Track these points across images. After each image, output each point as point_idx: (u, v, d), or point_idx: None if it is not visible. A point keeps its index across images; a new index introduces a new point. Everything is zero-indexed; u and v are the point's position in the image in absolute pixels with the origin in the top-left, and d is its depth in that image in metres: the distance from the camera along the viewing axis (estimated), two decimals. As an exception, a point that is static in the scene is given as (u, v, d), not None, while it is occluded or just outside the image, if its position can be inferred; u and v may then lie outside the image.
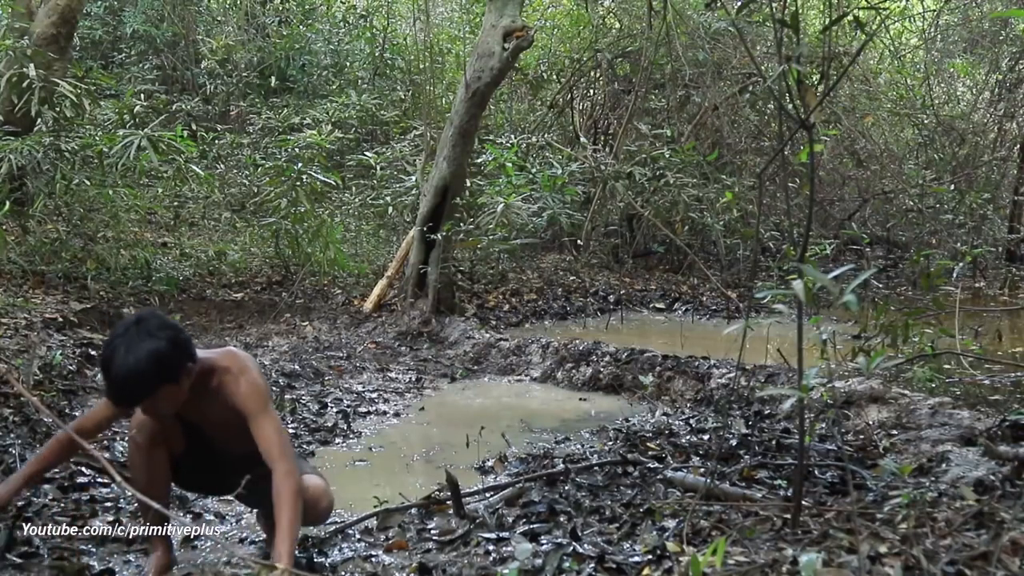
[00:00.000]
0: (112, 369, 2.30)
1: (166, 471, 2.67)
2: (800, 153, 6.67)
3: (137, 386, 2.32)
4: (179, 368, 2.37)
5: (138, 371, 2.29)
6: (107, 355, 2.33)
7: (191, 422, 2.57)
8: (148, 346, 2.31)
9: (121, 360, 2.29)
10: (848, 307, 1.84)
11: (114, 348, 2.32)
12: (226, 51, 11.66)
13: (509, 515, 2.87)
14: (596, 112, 11.33)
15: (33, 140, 6.38)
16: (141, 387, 2.32)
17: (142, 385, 2.32)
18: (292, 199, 7.33)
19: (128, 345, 2.32)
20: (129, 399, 2.37)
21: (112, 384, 2.32)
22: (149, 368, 2.30)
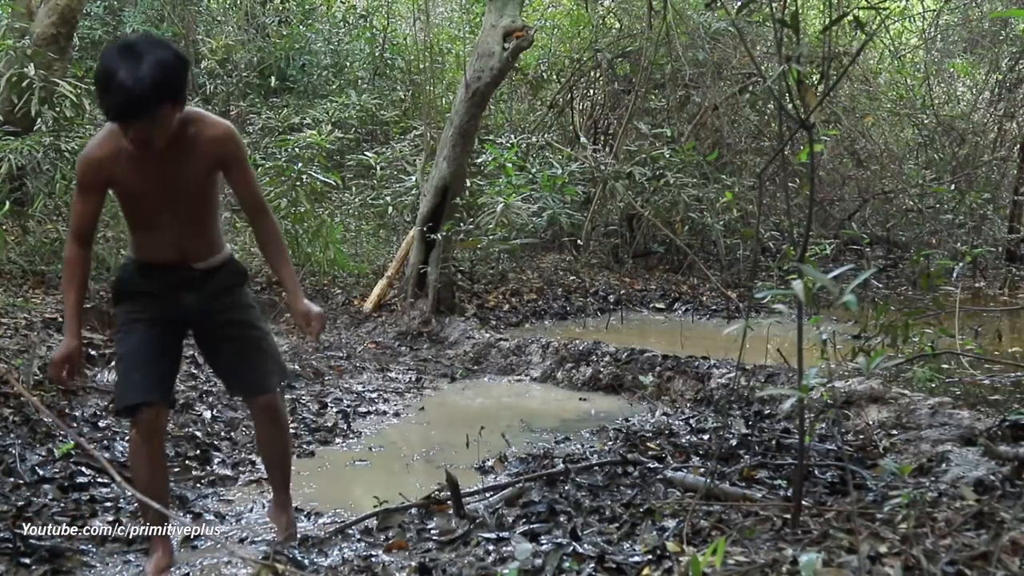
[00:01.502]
0: (118, 78, 2.18)
1: (165, 466, 2.69)
2: (800, 153, 6.68)
3: (143, 97, 2.19)
4: (183, 86, 2.29)
5: (147, 79, 2.18)
6: (110, 67, 2.20)
7: (162, 180, 2.45)
8: (155, 56, 2.22)
9: (129, 70, 2.18)
10: (848, 307, 1.84)
11: (116, 60, 2.20)
12: (226, 51, 11.65)
13: (509, 515, 2.87)
14: (596, 112, 11.33)
15: (33, 140, 6.38)
16: (147, 98, 2.20)
17: (149, 96, 2.20)
18: (292, 199, 7.32)
19: (134, 55, 2.21)
20: (134, 111, 2.22)
21: (118, 94, 2.19)
22: (157, 76, 2.20)
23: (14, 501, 2.95)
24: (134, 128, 2.28)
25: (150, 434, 2.57)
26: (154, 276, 2.59)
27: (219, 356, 2.78)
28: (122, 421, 4.05)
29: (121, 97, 2.20)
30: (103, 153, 2.43)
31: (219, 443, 4.01)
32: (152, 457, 2.60)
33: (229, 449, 3.97)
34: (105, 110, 2.28)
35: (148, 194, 2.48)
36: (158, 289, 2.59)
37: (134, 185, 2.47)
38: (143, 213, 2.54)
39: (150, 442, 2.58)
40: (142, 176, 2.44)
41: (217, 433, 4.14)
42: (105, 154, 2.43)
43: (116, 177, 2.46)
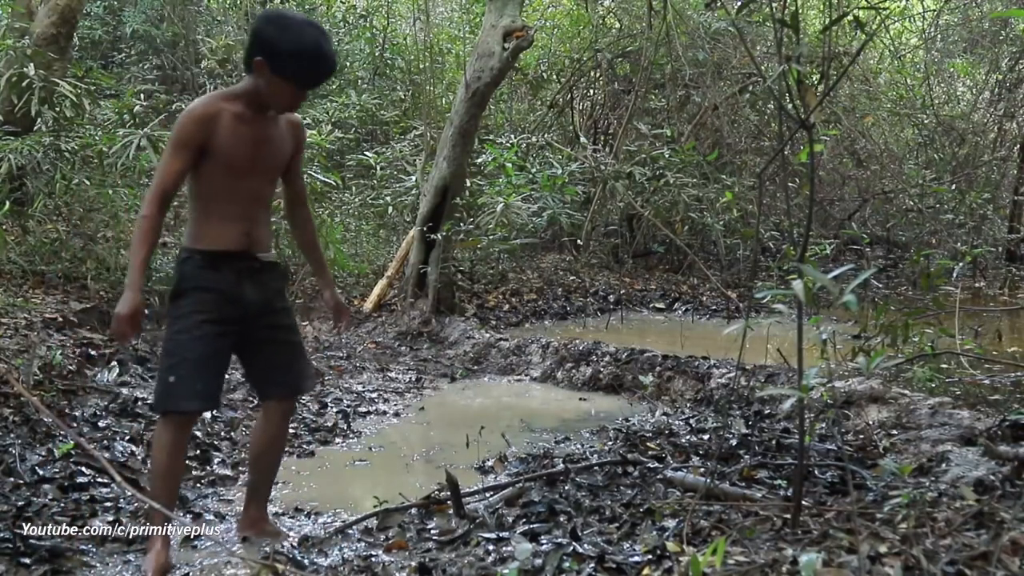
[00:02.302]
0: (325, 49, 2.52)
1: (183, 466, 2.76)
2: (800, 153, 6.68)
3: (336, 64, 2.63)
4: None
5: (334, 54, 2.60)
6: (317, 39, 2.51)
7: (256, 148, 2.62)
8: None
9: (326, 41, 2.53)
10: (848, 307, 1.84)
11: (316, 32, 2.52)
12: (226, 51, 11.65)
13: (509, 515, 2.87)
14: (596, 112, 11.33)
15: (33, 140, 6.38)
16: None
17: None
18: (292, 199, 7.31)
19: (317, 27, 2.56)
20: (327, 79, 2.69)
21: (329, 62, 2.56)
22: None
23: (14, 501, 2.95)
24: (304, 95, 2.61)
25: (187, 435, 2.64)
26: (222, 267, 2.62)
27: (261, 357, 2.77)
28: (123, 421, 4.06)
29: (331, 65, 2.58)
30: (209, 111, 2.54)
31: (219, 443, 4.01)
32: (182, 455, 2.66)
33: (229, 449, 3.97)
34: (311, 79, 2.59)
35: (240, 160, 2.58)
36: (224, 284, 2.61)
37: (230, 148, 2.56)
38: (227, 184, 2.60)
39: (184, 442, 2.63)
40: (240, 141, 2.57)
41: (217, 433, 4.13)
42: (211, 112, 2.54)
43: (216, 138, 2.54)
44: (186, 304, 2.60)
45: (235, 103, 2.58)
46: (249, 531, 2.85)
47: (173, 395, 2.55)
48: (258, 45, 2.53)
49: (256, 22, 2.60)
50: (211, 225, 2.62)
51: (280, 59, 2.49)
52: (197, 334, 2.57)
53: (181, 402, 2.55)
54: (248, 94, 2.60)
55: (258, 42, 2.53)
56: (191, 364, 2.56)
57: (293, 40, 2.49)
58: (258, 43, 2.53)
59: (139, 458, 3.65)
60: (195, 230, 2.63)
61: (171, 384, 2.54)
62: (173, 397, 2.55)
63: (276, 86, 2.54)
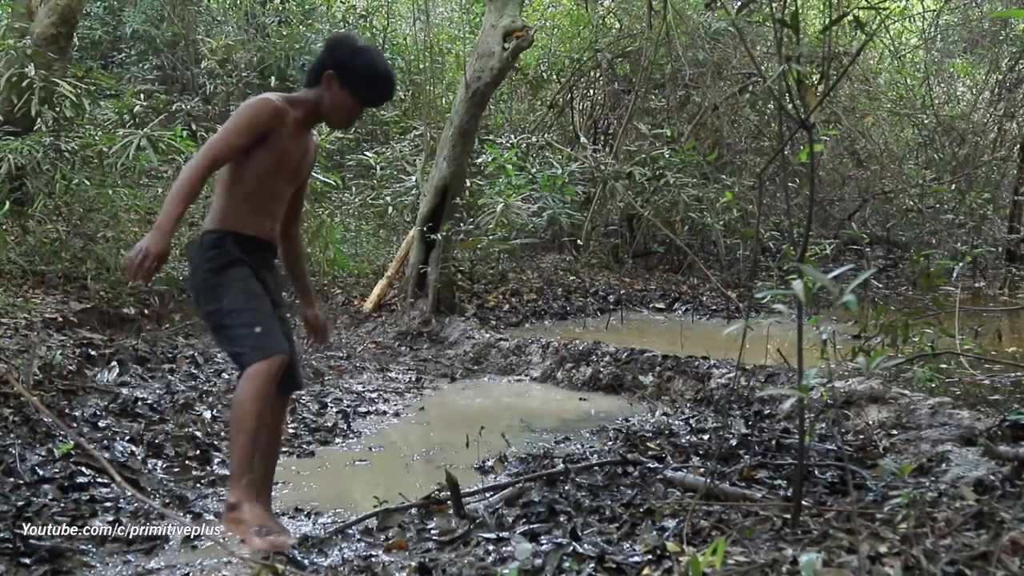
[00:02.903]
0: (390, 72, 2.78)
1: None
2: (800, 153, 6.68)
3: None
4: None
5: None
6: (383, 63, 2.78)
7: (300, 156, 2.83)
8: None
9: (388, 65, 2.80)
10: (848, 307, 1.84)
11: (381, 57, 2.79)
12: (226, 51, 11.66)
13: (509, 515, 2.87)
14: (596, 112, 11.33)
15: (33, 140, 6.38)
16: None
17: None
18: (292, 199, 7.31)
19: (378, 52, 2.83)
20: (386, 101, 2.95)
21: (392, 85, 2.81)
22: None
23: (14, 501, 2.95)
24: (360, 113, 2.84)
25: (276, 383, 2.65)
26: (251, 250, 2.75)
27: None
28: (123, 421, 4.06)
29: (393, 89, 2.84)
30: (281, 108, 2.70)
31: (219, 443, 4.01)
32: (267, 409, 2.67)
33: (229, 449, 3.96)
34: (375, 97, 2.81)
35: (289, 164, 2.77)
36: (254, 263, 2.75)
37: (284, 150, 2.73)
38: (270, 180, 2.76)
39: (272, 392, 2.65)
40: (292, 146, 2.76)
41: (217, 433, 4.13)
42: (282, 110, 2.70)
43: (278, 135, 2.70)
44: (235, 272, 2.68)
45: (297, 109, 2.75)
46: (270, 519, 2.83)
47: (267, 342, 2.61)
48: (331, 59, 2.74)
49: (330, 41, 2.83)
50: (246, 213, 2.74)
51: (352, 74, 2.72)
52: (258, 291, 2.70)
53: (277, 345, 2.63)
54: (308, 104, 2.77)
55: (332, 57, 2.74)
56: (267, 315, 2.68)
57: (366, 60, 2.74)
58: (332, 58, 2.74)
59: (139, 458, 3.65)
60: (229, 214, 2.72)
61: (259, 334, 2.61)
62: (269, 342, 2.61)
63: (342, 100, 2.75)
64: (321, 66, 2.75)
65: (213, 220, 2.73)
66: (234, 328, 2.64)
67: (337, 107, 2.77)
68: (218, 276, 2.67)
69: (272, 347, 2.61)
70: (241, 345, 2.63)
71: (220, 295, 2.66)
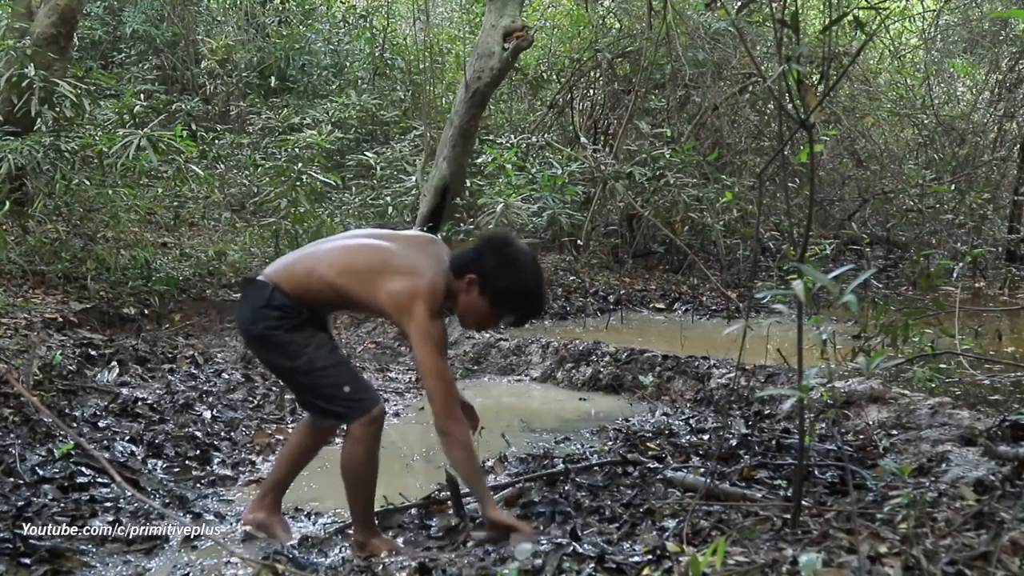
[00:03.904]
0: (543, 292, 2.69)
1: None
2: (800, 153, 6.67)
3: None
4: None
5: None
6: (537, 279, 2.64)
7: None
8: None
9: (545, 286, 2.71)
10: (848, 307, 1.84)
11: (537, 272, 2.64)
12: (226, 51, 11.66)
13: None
14: (596, 112, 11.32)
15: (33, 140, 6.38)
16: None
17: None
18: (292, 199, 7.32)
19: (541, 272, 2.70)
20: (532, 320, 2.85)
21: (542, 307, 2.77)
22: None
23: (14, 501, 2.95)
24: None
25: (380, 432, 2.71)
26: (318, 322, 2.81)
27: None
28: (123, 421, 4.06)
29: (542, 309, 2.83)
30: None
31: (219, 443, 4.01)
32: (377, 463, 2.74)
33: (229, 449, 3.97)
34: (519, 319, 2.71)
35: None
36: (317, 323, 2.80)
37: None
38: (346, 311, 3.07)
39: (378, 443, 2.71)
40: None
41: (217, 433, 4.13)
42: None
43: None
44: (309, 331, 2.68)
45: (440, 298, 2.63)
46: (260, 513, 2.87)
47: (363, 396, 2.65)
48: (478, 263, 2.61)
49: (485, 241, 2.69)
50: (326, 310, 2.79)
51: (494, 287, 2.60)
52: (334, 345, 2.75)
53: (373, 396, 2.68)
54: (447, 291, 2.64)
55: (479, 260, 2.61)
56: (352, 369, 2.72)
57: (514, 276, 2.60)
58: (479, 264, 2.61)
59: (139, 458, 3.66)
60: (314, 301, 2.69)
61: (351, 392, 2.63)
62: (367, 398, 2.66)
63: (479, 306, 2.64)
64: (468, 263, 2.62)
65: (292, 288, 2.66)
66: (325, 387, 2.65)
67: (472, 311, 2.66)
68: (289, 334, 2.64)
69: (369, 400, 2.65)
70: (336, 405, 2.65)
71: (295, 352, 2.64)
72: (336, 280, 2.62)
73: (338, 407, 2.64)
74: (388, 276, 2.57)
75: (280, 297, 2.64)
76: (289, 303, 2.64)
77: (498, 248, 2.63)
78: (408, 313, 2.52)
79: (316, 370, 2.63)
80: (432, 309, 2.54)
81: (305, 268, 2.68)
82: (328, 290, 2.64)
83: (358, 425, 2.60)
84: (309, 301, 2.67)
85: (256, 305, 2.66)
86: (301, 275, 2.67)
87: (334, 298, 2.67)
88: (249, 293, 2.71)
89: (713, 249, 9.64)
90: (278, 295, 2.64)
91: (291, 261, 2.75)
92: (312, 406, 2.77)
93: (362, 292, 2.60)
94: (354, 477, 2.66)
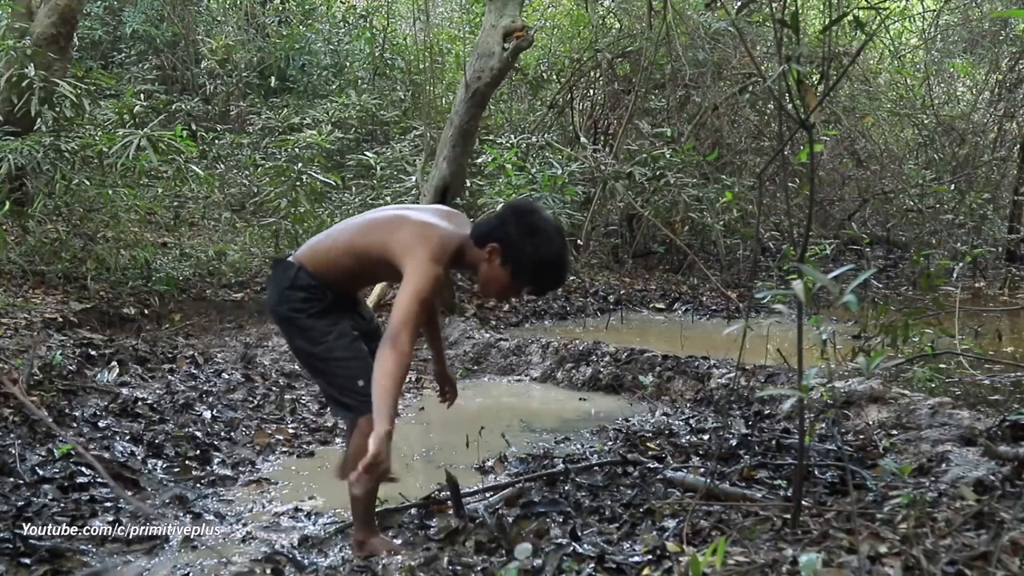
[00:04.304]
0: (567, 261, 2.62)
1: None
2: (800, 153, 6.68)
3: None
4: None
5: None
6: (560, 248, 2.58)
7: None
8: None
9: (569, 255, 2.66)
10: (848, 307, 1.84)
11: (560, 241, 2.58)
12: (226, 51, 11.66)
13: (509, 515, 2.87)
14: (596, 112, 11.32)
15: (33, 140, 6.38)
16: None
17: None
18: (292, 199, 7.32)
19: (566, 241, 2.65)
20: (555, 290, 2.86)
21: (565, 277, 2.67)
22: None
23: (14, 501, 2.95)
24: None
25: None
26: (345, 302, 2.82)
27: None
28: (123, 421, 4.06)
29: (565, 279, 2.69)
30: (443, 274, 2.56)
31: (219, 443, 4.01)
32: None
33: (229, 449, 3.97)
34: (542, 289, 2.69)
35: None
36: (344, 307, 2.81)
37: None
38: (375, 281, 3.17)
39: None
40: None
41: (217, 433, 4.14)
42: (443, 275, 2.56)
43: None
44: (331, 319, 2.69)
45: (454, 262, 2.62)
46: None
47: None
48: (501, 231, 2.57)
49: (508, 207, 2.65)
50: (352, 284, 2.80)
51: (517, 256, 2.55)
52: (355, 334, 2.72)
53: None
54: (465, 261, 2.63)
55: (502, 228, 2.57)
56: (368, 362, 2.58)
57: (537, 245, 2.55)
58: (502, 229, 2.57)
59: (139, 458, 3.66)
60: (338, 277, 2.69)
61: (366, 386, 2.52)
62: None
63: (500, 277, 2.60)
64: (490, 232, 2.59)
65: (316, 266, 2.67)
66: (338, 377, 2.66)
67: (492, 281, 2.63)
68: (312, 319, 2.66)
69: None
70: (346, 396, 2.65)
71: (315, 338, 2.66)
72: (353, 240, 2.65)
73: (349, 399, 2.65)
74: (402, 227, 2.57)
75: (305, 277, 2.66)
76: (314, 283, 2.66)
77: (521, 216, 2.59)
78: (410, 253, 2.48)
79: (333, 359, 2.65)
80: (435, 255, 2.48)
81: (328, 242, 2.72)
82: (346, 256, 2.65)
83: (366, 420, 2.54)
84: (332, 277, 2.68)
85: (281, 286, 2.69)
86: (323, 249, 2.70)
87: (353, 265, 2.66)
88: (276, 274, 2.74)
89: (713, 249, 9.64)
90: (303, 275, 2.66)
91: (317, 239, 2.78)
92: (327, 395, 2.81)
93: (376, 246, 2.58)
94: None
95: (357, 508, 2.66)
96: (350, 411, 2.67)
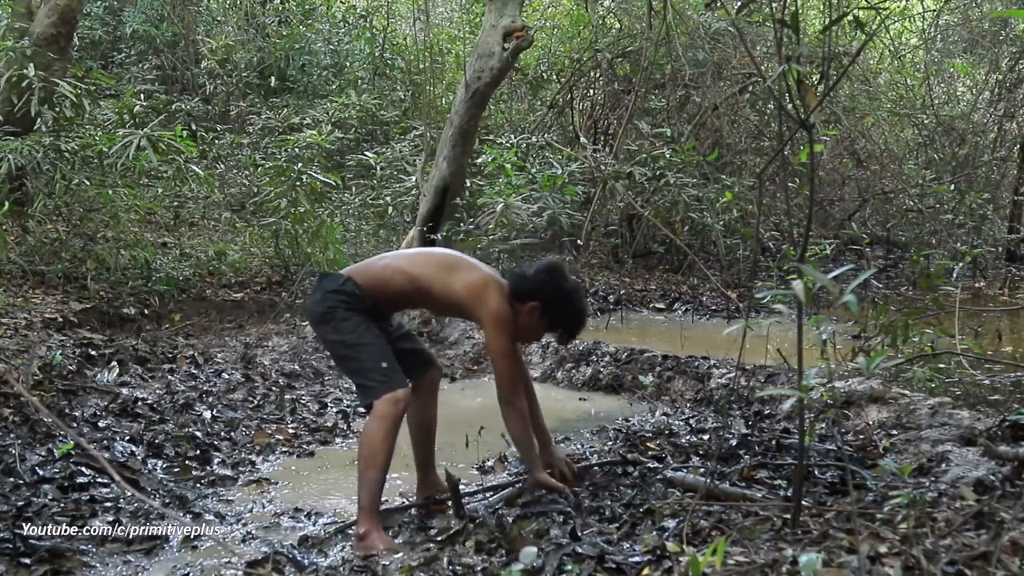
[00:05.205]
0: (587, 313, 3.13)
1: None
2: (800, 153, 6.68)
3: None
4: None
5: None
6: (584, 303, 3.10)
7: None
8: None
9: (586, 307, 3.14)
10: (848, 307, 1.84)
11: (584, 300, 3.09)
12: (226, 51, 11.66)
13: (509, 515, 2.87)
14: (596, 112, 11.32)
15: (33, 140, 6.38)
16: None
17: None
18: (292, 199, 7.32)
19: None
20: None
21: (584, 325, 3.11)
22: None
23: (14, 501, 2.95)
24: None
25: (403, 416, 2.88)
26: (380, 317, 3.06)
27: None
28: (123, 421, 4.06)
29: (584, 326, 3.13)
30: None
31: (219, 443, 4.01)
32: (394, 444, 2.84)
33: (229, 449, 3.97)
34: (567, 332, 3.10)
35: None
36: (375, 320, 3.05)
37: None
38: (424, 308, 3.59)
39: (399, 426, 2.85)
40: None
41: (217, 433, 4.14)
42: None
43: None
44: (364, 317, 2.92)
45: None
46: (431, 492, 3.17)
47: (394, 376, 2.85)
48: (540, 292, 2.98)
49: (545, 274, 3.02)
50: (396, 305, 3.07)
51: (555, 314, 3.00)
52: (379, 333, 2.94)
53: (402, 379, 2.87)
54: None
55: (542, 290, 2.98)
56: (390, 352, 2.90)
57: (573, 305, 3.04)
58: (541, 291, 2.98)
59: (139, 458, 3.66)
60: (386, 297, 2.97)
61: (386, 369, 2.84)
62: (396, 377, 2.85)
63: (538, 327, 3.03)
64: (531, 291, 2.97)
65: (365, 280, 2.94)
66: (362, 360, 2.86)
67: (529, 330, 3.04)
68: (348, 312, 2.89)
69: (399, 381, 2.84)
70: (370, 378, 2.84)
71: (348, 328, 2.88)
72: (413, 270, 2.96)
73: (371, 380, 2.82)
74: (463, 270, 2.97)
75: (352, 286, 2.91)
76: (359, 292, 2.91)
77: (558, 282, 3.02)
78: (481, 299, 2.89)
79: (360, 344, 2.86)
80: (502, 298, 2.90)
81: (382, 264, 3.01)
82: (404, 280, 2.94)
83: (383, 402, 2.77)
84: (380, 294, 2.94)
85: (327, 289, 2.92)
86: (377, 269, 2.99)
87: (409, 289, 2.94)
88: (323, 282, 2.97)
89: (713, 249, 9.63)
90: (351, 284, 2.92)
91: (368, 261, 3.09)
92: (356, 382, 2.96)
93: (437, 282, 2.92)
94: (370, 455, 2.78)
95: (363, 492, 2.75)
96: (373, 392, 2.81)
